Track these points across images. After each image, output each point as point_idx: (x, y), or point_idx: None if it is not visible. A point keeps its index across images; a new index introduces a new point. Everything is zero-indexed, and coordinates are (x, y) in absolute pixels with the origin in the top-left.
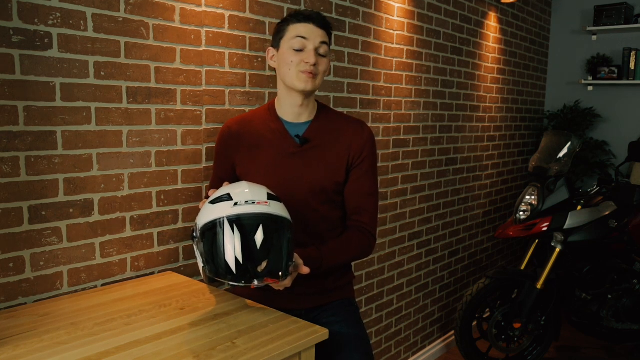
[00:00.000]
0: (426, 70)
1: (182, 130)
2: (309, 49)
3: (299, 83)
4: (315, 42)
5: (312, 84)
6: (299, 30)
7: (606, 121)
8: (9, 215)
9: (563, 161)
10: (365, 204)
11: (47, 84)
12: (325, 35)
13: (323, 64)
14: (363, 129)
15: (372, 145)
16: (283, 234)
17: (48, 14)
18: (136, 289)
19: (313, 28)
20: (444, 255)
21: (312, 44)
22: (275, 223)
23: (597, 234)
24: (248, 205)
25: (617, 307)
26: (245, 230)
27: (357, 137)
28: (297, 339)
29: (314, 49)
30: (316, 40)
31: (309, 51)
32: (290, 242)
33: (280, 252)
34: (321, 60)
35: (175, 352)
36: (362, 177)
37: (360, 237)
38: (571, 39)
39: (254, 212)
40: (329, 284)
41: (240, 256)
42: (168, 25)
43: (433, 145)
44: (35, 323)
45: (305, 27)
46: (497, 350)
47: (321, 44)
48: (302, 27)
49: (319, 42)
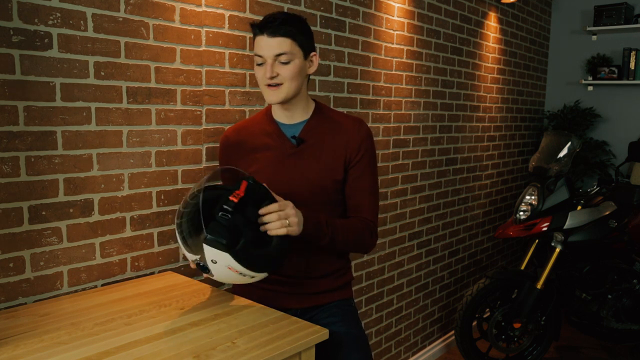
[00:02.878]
0: (426, 70)
1: (182, 130)
2: (267, 63)
3: (267, 97)
4: (270, 55)
5: (277, 95)
6: (257, 46)
7: (606, 121)
8: (9, 215)
9: (563, 161)
10: (365, 202)
11: (47, 84)
12: (281, 43)
13: (286, 70)
14: (360, 126)
15: (369, 142)
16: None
17: (48, 14)
18: (136, 289)
19: (266, 40)
20: (444, 255)
21: (269, 57)
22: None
23: (597, 234)
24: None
25: (617, 307)
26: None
27: (353, 134)
28: (297, 339)
29: (272, 62)
30: (270, 53)
31: (266, 65)
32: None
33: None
34: (283, 68)
35: (175, 352)
36: (361, 175)
37: (364, 228)
38: (571, 39)
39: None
40: (328, 284)
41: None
42: (168, 25)
43: (433, 145)
44: (35, 323)
45: (260, 41)
46: (497, 350)
47: (277, 56)
48: (259, 41)
49: (273, 54)
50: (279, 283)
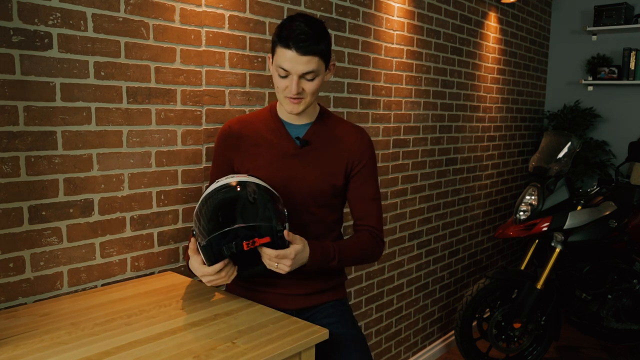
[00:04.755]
0: (426, 70)
1: (182, 131)
2: (293, 79)
3: (286, 106)
4: (298, 72)
5: (299, 108)
6: (282, 59)
7: (606, 121)
8: (9, 215)
9: (563, 161)
10: (370, 209)
11: (47, 84)
12: (310, 61)
13: (311, 86)
14: (363, 135)
15: (372, 151)
16: (262, 197)
17: (48, 14)
18: (136, 289)
19: (295, 57)
20: (444, 255)
21: (295, 74)
22: (252, 185)
23: (597, 234)
24: (228, 178)
25: (617, 307)
26: (230, 195)
27: (357, 143)
28: (297, 339)
29: (298, 78)
30: (298, 70)
31: (292, 80)
32: (270, 204)
33: (261, 212)
34: (308, 84)
35: (175, 352)
36: (365, 183)
37: (371, 239)
38: (571, 39)
39: (233, 180)
40: (321, 285)
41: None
42: (168, 25)
43: (433, 145)
44: (35, 323)
45: (288, 55)
46: (497, 350)
47: (305, 74)
48: (285, 54)
49: (301, 72)
50: (272, 285)
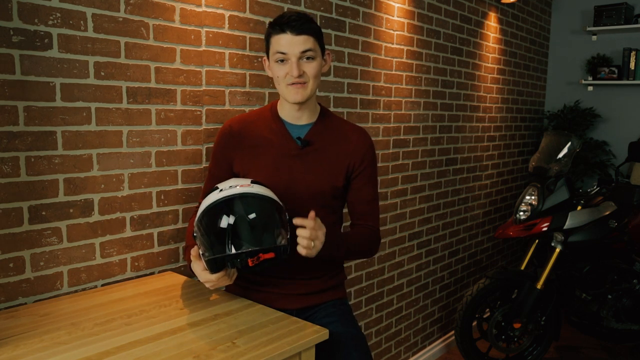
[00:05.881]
0: (426, 70)
1: (182, 131)
2: (292, 61)
3: (290, 96)
4: (296, 53)
5: (302, 93)
6: (278, 44)
7: (606, 121)
8: (9, 215)
9: (563, 161)
10: (370, 210)
11: (47, 84)
12: (306, 40)
13: (311, 68)
14: (365, 136)
15: (373, 153)
16: (267, 209)
17: (48, 14)
18: (136, 289)
19: (290, 38)
20: (444, 255)
21: (294, 55)
22: (256, 200)
23: (597, 234)
24: (231, 189)
25: (617, 307)
26: (234, 211)
27: (359, 144)
28: (297, 339)
29: (297, 59)
30: (296, 50)
31: (291, 63)
32: (274, 221)
33: (267, 233)
34: (308, 65)
35: (175, 352)
36: (365, 185)
37: (371, 234)
38: (571, 39)
39: (236, 192)
40: (321, 285)
41: (230, 232)
42: (168, 25)
43: (433, 145)
44: (35, 323)
45: (283, 39)
46: (497, 350)
47: (303, 53)
48: (281, 39)
49: (299, 52)
50: (272, 285)
